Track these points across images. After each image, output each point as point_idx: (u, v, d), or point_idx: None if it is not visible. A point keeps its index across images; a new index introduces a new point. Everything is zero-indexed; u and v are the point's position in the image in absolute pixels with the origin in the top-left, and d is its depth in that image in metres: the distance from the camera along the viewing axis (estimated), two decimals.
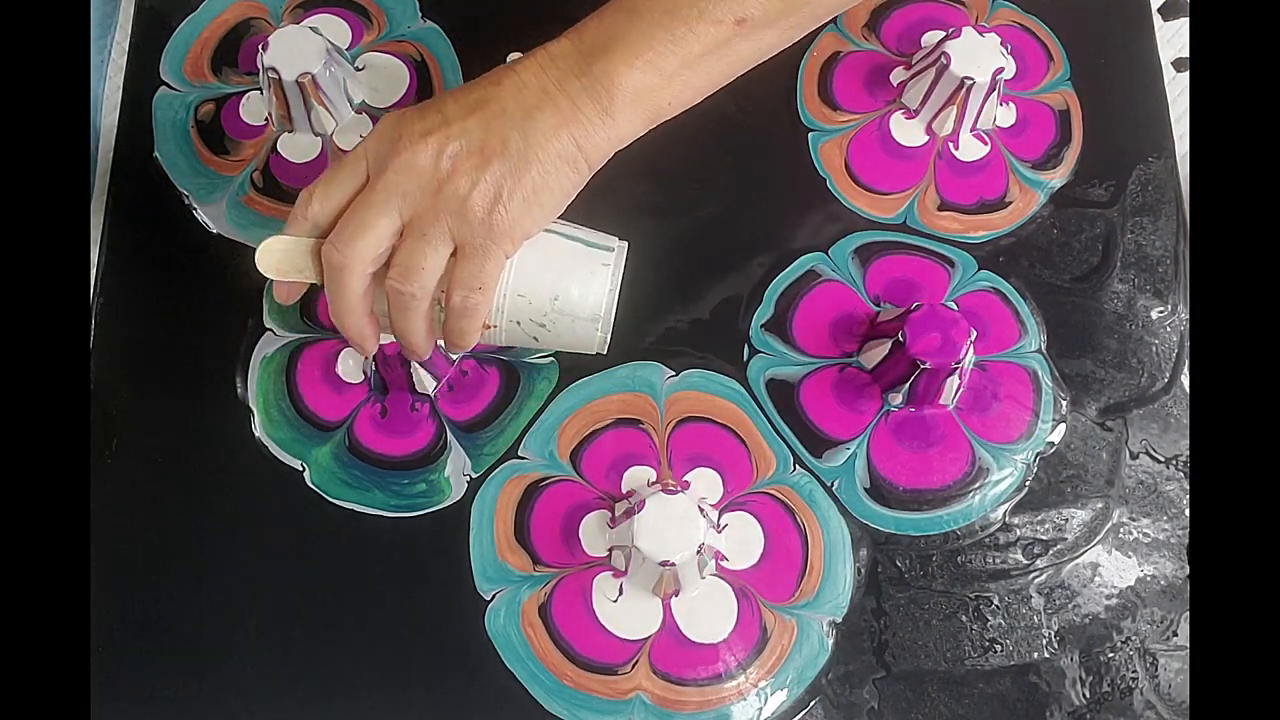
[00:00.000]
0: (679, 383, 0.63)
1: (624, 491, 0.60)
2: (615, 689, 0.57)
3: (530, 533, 0.60)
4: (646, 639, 0.57)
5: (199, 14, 0.71)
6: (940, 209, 0.67)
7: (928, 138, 0.68)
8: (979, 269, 0.66)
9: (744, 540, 0.59)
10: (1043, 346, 0.64)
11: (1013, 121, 0.69)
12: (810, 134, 0.69)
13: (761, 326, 0.64)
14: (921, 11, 0.72)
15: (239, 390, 0.62)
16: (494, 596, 0.58)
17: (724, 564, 0.59)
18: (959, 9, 0.72)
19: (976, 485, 0.61)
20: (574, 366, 0.63)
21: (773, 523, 0.60)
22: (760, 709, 0.57)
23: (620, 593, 0.58)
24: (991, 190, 0.68)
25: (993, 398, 0.63)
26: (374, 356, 0.56)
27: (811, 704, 0.57)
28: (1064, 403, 0.63)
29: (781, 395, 0.63)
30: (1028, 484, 0.62)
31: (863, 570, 0.60)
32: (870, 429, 0.62)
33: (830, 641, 0.58)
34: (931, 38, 0.70)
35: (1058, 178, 0.68)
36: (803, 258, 0.66)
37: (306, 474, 0.61)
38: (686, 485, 0.60)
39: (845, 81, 0.70)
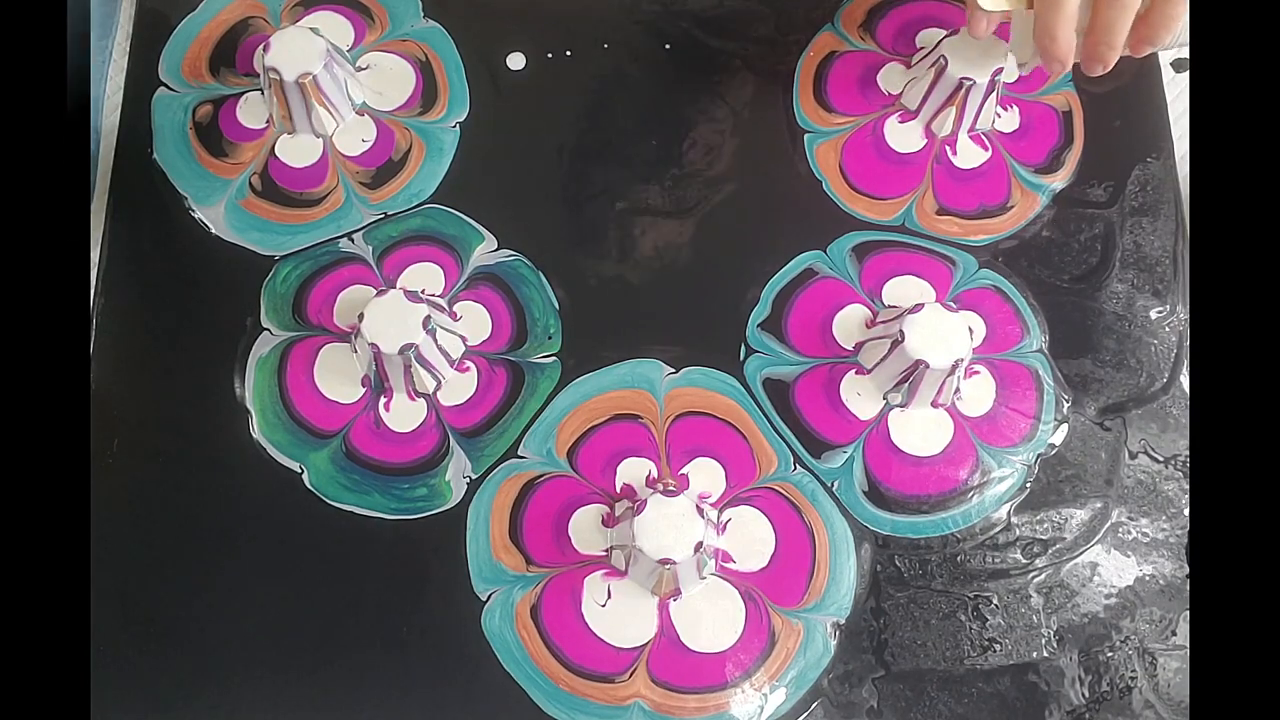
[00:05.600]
0: (679, 379, 0.63)
1: (619, 486, 0.60)
2: (612, 695, 0.56)
3: (523, 531, 0.60)
4: (643, 647, 0.57)
5: (198, 13, 0.71)
6: (939, 214, 0.67)
7: (924, 141, 0.68)
8: (979, 268, 0.66)
9: (755, 541, 0.59)
10: (1044, 346, 0.64)
11: (1016, 126, 0.69)
12: (806, 135, 0.69)
13: (758, 326, 0.64)
14: (919, 10, 0.72)
15: (238, 391, 0.62)
16: (490, 597, 0.59)
17: (732, 566, 0.59)
18: (957, 7, 0.72)
19: (977, 487, 0.61)
20: (575, 364, 0.63)
21: (782, 522, 0.60)
22: (761, 708, 0.57)
23: (609, 596, 0.58)
24: (993, 196, 0.67)
25: (994, 398, 0.63)
26: None
27: (813, 706, 0.57)
28: (1066, 404, 0.63)
29: (779, 395, 0.63)
30: (1028, 485, 0.62)
31: (864, 570, 0.60)
32: (869, 430, 0.62)
33: (834, 643, 0.58)
34: (928, 37, 0.70)
35: (1059, 180, 0.68)
36: (800, 256, 0.66)
37: (305, 476, 0.61)
38: (685, 482, 0.60)
39: (839, 83, 0.70)
